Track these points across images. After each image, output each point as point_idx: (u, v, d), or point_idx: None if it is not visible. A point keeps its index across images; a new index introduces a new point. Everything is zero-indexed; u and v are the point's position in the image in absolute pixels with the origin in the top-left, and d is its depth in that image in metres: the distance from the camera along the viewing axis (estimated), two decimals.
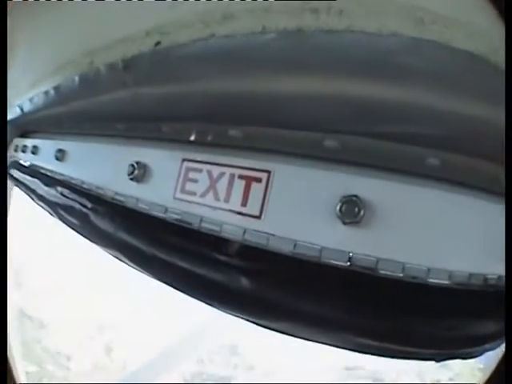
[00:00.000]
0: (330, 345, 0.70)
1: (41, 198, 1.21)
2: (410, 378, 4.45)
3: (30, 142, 1.45)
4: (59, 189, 1.11)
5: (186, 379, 4.37)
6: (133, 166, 0.84)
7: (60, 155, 1.17)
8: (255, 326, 0.70)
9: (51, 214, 1.16)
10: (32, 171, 1.36)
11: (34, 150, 1.39)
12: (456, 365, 4.55)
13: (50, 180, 1.19)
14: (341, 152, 0.63)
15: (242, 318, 0.70)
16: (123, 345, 4.70)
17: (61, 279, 5.06)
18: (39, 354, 4.75)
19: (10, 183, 1.50)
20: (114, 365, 4.63)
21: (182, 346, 3.93)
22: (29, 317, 5.19)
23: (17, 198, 1.62)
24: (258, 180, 0.65)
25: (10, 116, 1.41)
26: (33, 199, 1.30)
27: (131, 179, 0.84)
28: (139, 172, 0.83)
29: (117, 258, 0.87)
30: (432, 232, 0.61)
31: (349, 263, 0.61)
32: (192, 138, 0.78)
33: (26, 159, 1.44)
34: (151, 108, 0.80)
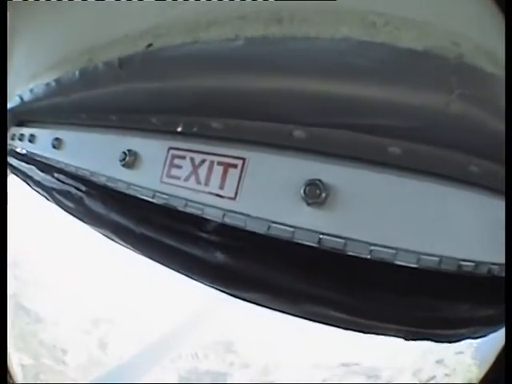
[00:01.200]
0: (299, 316, 0.81)
1: (37, 184, 1.33)
2: (406, 375, 4.57)
3: (27, 131, 1.56)
4: (55, 175, 1.22)
5: (181, 376, 4.51)
6: (124, 153, 0.95)
7: (57, 143, 1.28)
8: (227, 295, 0.81)
9: (47, 199, 1.27)
10: (28, 158, 1.47)
11: (31, 139, 1.50)
12: (451, 361, 4.67)
13: (46, 167, 1.30)
14: (308, 142, 0.73)
15: (216, 289, 0.81)
16: (118, 338, 4.84)
17: (57, 271, 5.21)
18: (35, 347, 4.90)
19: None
20: (109, 358, 4.77)
21: (175, 338, 4.06)
22: (25, 309, 5.35)
23: (12, 188, 1.73)
24: (234, 166, 0.76)
25: (9, 105, 1.52)
26: (29, 185, 1.42)
27: (123, 165, 0.95)
28: (130, 159, 0.94)
29: (108, 237, 0.98)
30: (396, 215, 0.70)
31: (318, 244, 0.71)
32: (179, 129, 0.89)
33: (22, 147, 1.55)
34: (142, 101, 0.91)
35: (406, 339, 0.85)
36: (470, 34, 0.60)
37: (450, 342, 0.87)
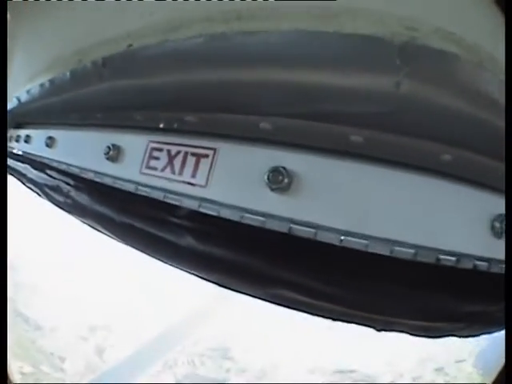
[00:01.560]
0: (266, 300, 0.85)
1: (30, 181, 1.40)
2: (405, 382, 4.53)
3: (23, 132, 1.64)
4: (48, 171, 1.29)
5: (178, 379, 4.52)
6: (109, 147, 1.02)
7: (50, 142, 1.36)
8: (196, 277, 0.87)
9: (39, 195, 1.34)
10: (24, 158, 1.55)
11: (27, 139, 1.58)
12: (452, 369, 4.63)
13: (39, 164, 1.38)
14: (274, 133, 0.80)
15: (187, 272, 0.87)
16: (115, 344, 4.86)
17: (54, 276, 5.26)
18: (34, 355, 4.94)
19: None
20: (107, 365, 4.79)
21: (169, 341, 4.08)
22: (23, 316, 5.39)
23: (11, 193, 1.80)
24: (206, 156, 0.83)
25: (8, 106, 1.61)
26: (23, 183, 1.49)
27: (107, 159, 1.02)
28: (113, 152, 1.01)
29: (92, 227, 1.05)
30: (362, 202, 0.73)
31: (289, 232, 0.76)
32: (158, 124, 0.96)
33: (19, 148, 1.63)
34: (124, 98, 0.98)
35: (376, 329, 0.86)
36: (430, 19, 0.63)
37: (429, 336, 0.87)
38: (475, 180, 0.74)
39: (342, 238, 0.73)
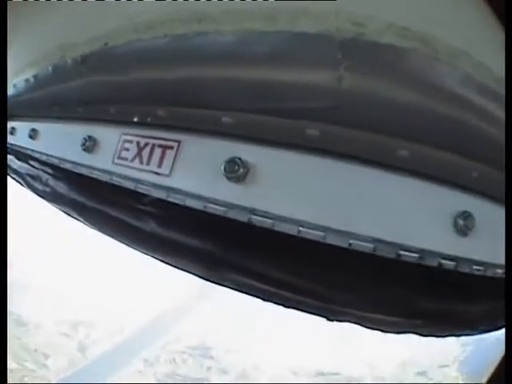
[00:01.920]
0: (221, 284, 0.92)
1: (14, 171, 1.47)
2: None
3: (8, 125, 1.70)
4: (30, 162, 1.36)
5: (159, 379, 4.55)
6: (85, 139, 1.10)
7: (33, 134, 1.43)
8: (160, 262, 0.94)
9: (21, 184, 1.41)
10: (8, 150, 1.61)
11: (12, 131, 1.65)
12: (435, 374, 4.69)
13: (23, 155, 1.45)
14: (235, 127, 0.87)
15: (149, 255, 0.95)
16: (98, 340, 4.89)
17: (37, 273, 5.27)
18: (18, 351, 4.96)
19: None
20: (89, 361, 4.81)
21: (148, 337, 4.11)
22: (8, 312, 5.39)
23: None
24: (171, 147, 0.90)
25: None
26: (8, 174, 1.55)
27: (83, 149, 1.09)
28: (89, 144, 1.08)
29: (67, 214, 1.13)
30: (317, 194, 0.78)
31: (248, 222, 0.82)
32: (132, 118, 1.04)
33: None
34: (100, 93, 1.06)
35: (328, 319, 0.90)
36: (384, 15, 0.67)
37: (387, 331, 0.90)
38: (436, 176, 0.77)
39: (300, 228, 0.77)
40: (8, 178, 1.71)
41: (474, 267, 0.80)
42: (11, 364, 4.60)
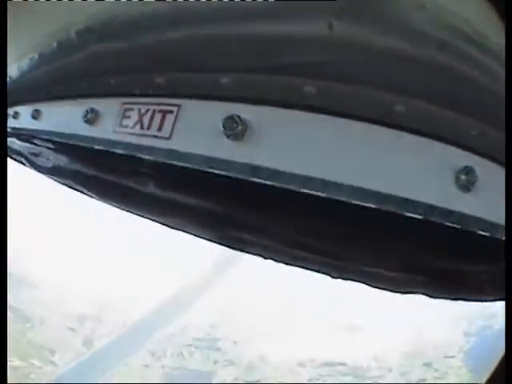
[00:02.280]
0: (223, 244, 0.93)
1: (16, 152, 1.50)
2: (394, 376, 4.59)
3: (11, 110, 1.74)
4: (33, 140, 1.39)
5: (166, 373, 4.58)
6: (87, 111, 1.12)
7: (36, 114, 1.46)
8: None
9: (24, 164, 1.44)
10: (10, 134, 1.64)
11: (15, 115, 1.68)
12: (441, 365, 4.68)
13: (26, 136, 1.48)
14: (233, 87, 0.89)
15: (147, 218, 0.97)
16: (104, 335, 4.93)
17: (41, 267, 5.31)
18: (24, 348, 5.00)
19: None
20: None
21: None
22: (11, 307, 5.44)
23: None
24: (171, 112, 0.92)
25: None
26: (10, 156, 1.58)
27: (85, 122, 1.11)
28: (91, 115, 1.11)
29: (70, 187, 1.15)
30: (317, 150, 0.79)
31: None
32: (131, 88, 1.06)
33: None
34: (102, 64, 1.09)
35: (332, 276, 0.89)
36: None
37: (393, 290, 0.88)
38: (435, 133, 0.77)
39: (301, 183, 0.78)
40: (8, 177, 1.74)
41: (476, 225, 0.79)
42: (16, 362, 4.64)
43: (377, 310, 3.97)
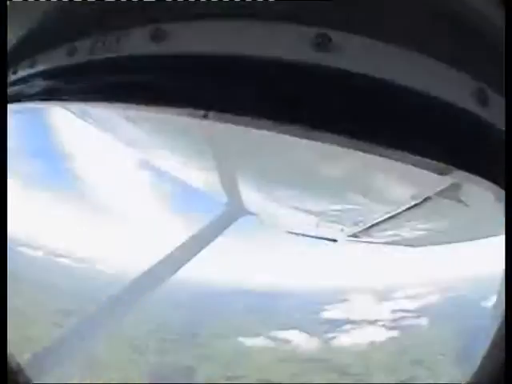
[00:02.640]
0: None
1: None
2: (381, 373, 4.49)
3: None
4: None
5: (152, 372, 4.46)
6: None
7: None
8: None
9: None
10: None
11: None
12: (432, 363, 4.60)
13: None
14: None
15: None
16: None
17: (28, 261, 5.16)
18: (15, 344, 4.83)
19: None
20: None
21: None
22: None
23: None
24: None
25: None
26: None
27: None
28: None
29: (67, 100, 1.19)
30: None
31: None
32: None
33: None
34: None
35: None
36: None
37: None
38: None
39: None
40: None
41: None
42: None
43: None
